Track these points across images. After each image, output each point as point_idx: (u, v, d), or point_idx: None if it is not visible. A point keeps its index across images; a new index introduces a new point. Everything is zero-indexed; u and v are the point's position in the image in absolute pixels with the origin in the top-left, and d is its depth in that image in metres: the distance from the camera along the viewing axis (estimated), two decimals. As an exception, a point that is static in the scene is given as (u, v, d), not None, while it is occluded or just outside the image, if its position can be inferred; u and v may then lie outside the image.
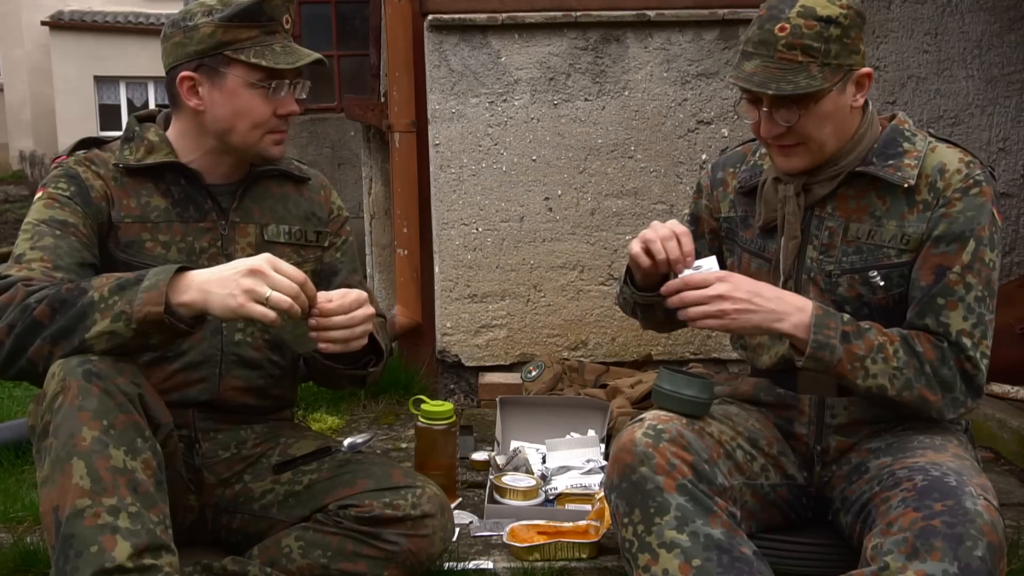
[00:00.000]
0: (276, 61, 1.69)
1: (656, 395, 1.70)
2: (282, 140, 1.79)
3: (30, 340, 1.48)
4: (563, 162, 3.26)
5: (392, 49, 3.24)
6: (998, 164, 3.31)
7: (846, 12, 1.58)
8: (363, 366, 1.79)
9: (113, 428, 1.44)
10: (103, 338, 1.47)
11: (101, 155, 1.78)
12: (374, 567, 1.67)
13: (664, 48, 3.22)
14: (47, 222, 1.65)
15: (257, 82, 1.70)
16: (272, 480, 1.79)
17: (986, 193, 1.64)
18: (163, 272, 1.48)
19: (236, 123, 1.73)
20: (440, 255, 3.29)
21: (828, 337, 1.58)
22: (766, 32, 1.59)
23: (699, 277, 1.60)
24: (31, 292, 1.50)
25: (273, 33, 1.72)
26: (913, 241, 1.65)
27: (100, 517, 1.39)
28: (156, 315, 1.45)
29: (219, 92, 1.72)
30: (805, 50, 1.57)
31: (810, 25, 1.57)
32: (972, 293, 1.62)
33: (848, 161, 1.68)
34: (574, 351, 3.32)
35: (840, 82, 1.60)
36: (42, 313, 1.48)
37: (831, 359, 1.59)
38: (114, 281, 1.49)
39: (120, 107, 16.70)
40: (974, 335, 1.62)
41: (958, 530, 1.37)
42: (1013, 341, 2.85)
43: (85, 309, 1.47)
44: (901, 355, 1.60)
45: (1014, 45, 3.27)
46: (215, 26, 1.68)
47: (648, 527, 1.52)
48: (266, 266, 1.48)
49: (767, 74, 1.59)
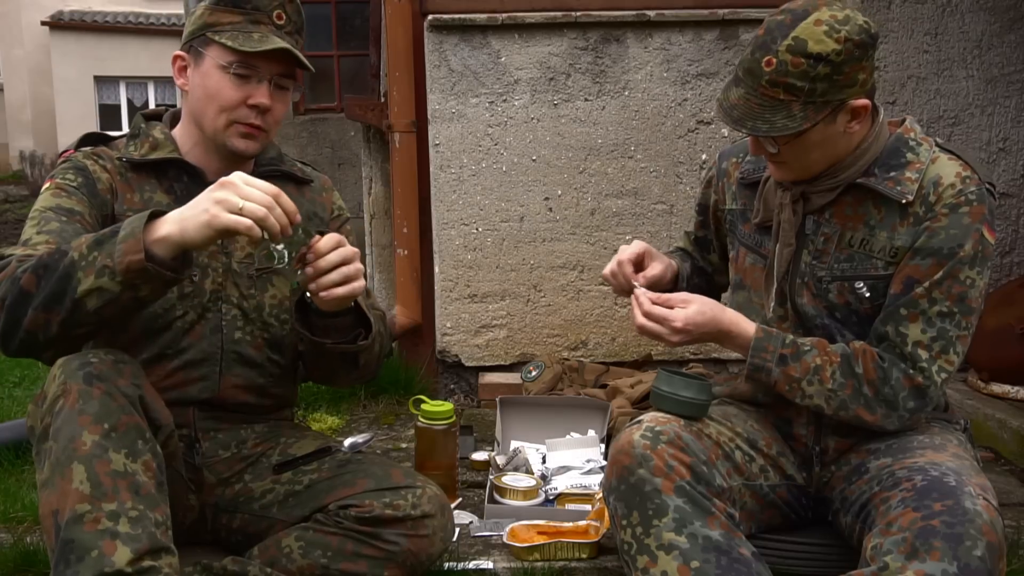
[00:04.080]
0: (242, 45, 1.69)
1: (654, 397, 1.70)
2: (251, 135, 1.75)
3: (22, 310, 1.46)
4: (563, 162, 3.26)
5: (392, 49, 3.24)
6: (998, 164, 3.31)
7: (840, 48, 1.51)
8: (352, 340, 1.76)
9: (115, 431, 1.44)
10: (93, 295, 1.44)
11: (107, 151, 1.80)
12: (374, 567, 1.67)
13: (664, 48, 3.22)
14: (53, 209, 1.66)
15: (227, 64, 1.70)
16: (272, 480, 1.79)
17: (976, 212, 1.60)
18: (137, 220, 1.45)
19: (206, 106, 1.74)
20: (440, 255, 3.29)
21: (764, 360, 1.67)
22: (755, 61, 1.56)
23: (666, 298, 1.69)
24: (20, 265, 1.49)
25: (258, 23, 1.72)
26: (900, 254, 1.64)
27: (100, 522, 1.39)
28: (138, 263, 1.41)
29: (197, 73, 1.74)
30: (788, 88, 1.53)
31: (797, 63, 1.52)
32: (936, 308, 1.61)
33: (848, 174, 1.65)
34: (574, 351, 3.32)
35: (828, 116, 1.57)
36: (28, 281, 1.45)
37: (768, 380, 1.68)
38: (92, 238, 1.46)
39: (120, 107, 16.70)
40: (932, 348, 1.61)
41: (957, 530, 1.37)
42: (1013, 341, 2.85)
43: (68, 270, 1.44)
44: (838, 377, 1.64)
45: (1014, 45, 3.27)
46: (204, 8, 1.73)
47: (647, 529, 1.52)
48: (236, 179, 1.45)
49: (746, 109, 1.57)
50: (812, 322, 1.73)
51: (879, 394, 1.63)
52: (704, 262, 2.03)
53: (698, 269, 2.02)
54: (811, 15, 1.53)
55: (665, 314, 1.65)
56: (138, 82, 16.66)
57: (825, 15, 1.53)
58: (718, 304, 1.71)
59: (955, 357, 1.63)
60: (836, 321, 1.71)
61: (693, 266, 2.00)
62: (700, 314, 1.65)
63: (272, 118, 1.76)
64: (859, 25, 1.53)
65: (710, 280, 2.04)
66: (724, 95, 1.62)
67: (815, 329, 1.73)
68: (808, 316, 1.73)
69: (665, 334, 1.66)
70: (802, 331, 1.74)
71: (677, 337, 1.66)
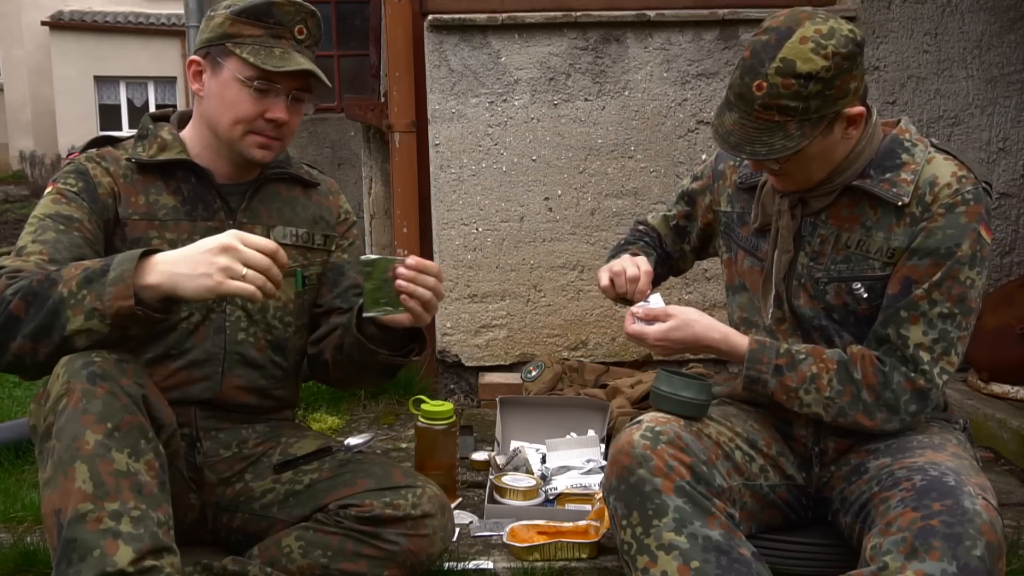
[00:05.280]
0: (265, 62, 1.68)
1: (654, 397, 1.71)
2: (268, 145, 1.76)
3: (10, 335, 1.48)
4: (563, 162, 3.26)
5: (392, 49, 3.24)
6: (998, 164, 3.31)
7: (829, 64, 1.50)
8: (405, 354, 1.76)
9: (117, 430, 1.44)
10: (82, 335, 1.47)
11: (113, 152, 1.80)
12: (374, 567, 1.68)
13: (664, 48, 3.23)
14: (52, 216, 1.67)
15: (246, 79, 1.70)
16: (273, 479, 1.79)
17: (973, 212, 1.59)
18: (127, 261, 1.46)
19: (222, 115, 1.74)
20: (440, 255, 3.29)
21: (760, 372, 1.69)
22: (745, 86, 1.55)
23: (654, 313, 1.74)
24: (10, 284, 1.50)
25: (279, 38, 1.72)
26: (897, 254, 1.64)
27: (102, 522, 1.39)
28: (128, 309, 1.43)
29: (215, 82, 1.74)
30: (781, 110, 1.53)
31: (787, 84, 1.51)
32: (936, 309, 1.61)
33: (845, 177, 1.65)
34: (574, 351, 3.32)
35: (825, 128, 1.57)
36: (17, 307, 1.47)
37: (765, 391, 1.69)
38: (81, 273, 1.47)
39: (120, 107, 16.71)
40: (934, 350, 1.62)
41: (957, 530, 1.37)
42: (1013, 341, 2.85)
43: (56, 306, 1.46)
44: (835, 384, 1.65)
45: (1014, 45, 3.27)
46: (225, 18, 1.72)
47: (647, 529, 1.52)
48: (236, 242, 1.46)
49: (743, 134, 1.57)
50: (810, 323, 1.73)
51: (880, 399, 1.63)
52: (672, 247, 2.07)
53: (661, 258, 2.06)
54: (795, 32, 1.52)
55: (642, 331, 1.73)
56: (138, 82, 16.67)
57: (809, 31, 1.51)
58: (702, 319, 1.72)
59: (956, 358, 1.63)
60: (834, 322, 1.71)
61: (658, 257, 2.04)
62: (675, 330, 1.71)
63: (288, 129, 1.76)
64: (844, 36, 1.52)
65: (672, 267, 2.11)
66: (718, 120, 1.62)
67: (813, 330, 1.73)
68: (806, 317, 1.73)
69: (647, 346, 1.75)
70: (800, 332, 1.74)
71: (657, 350, 1.74)
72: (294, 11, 1.72)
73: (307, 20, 1.74)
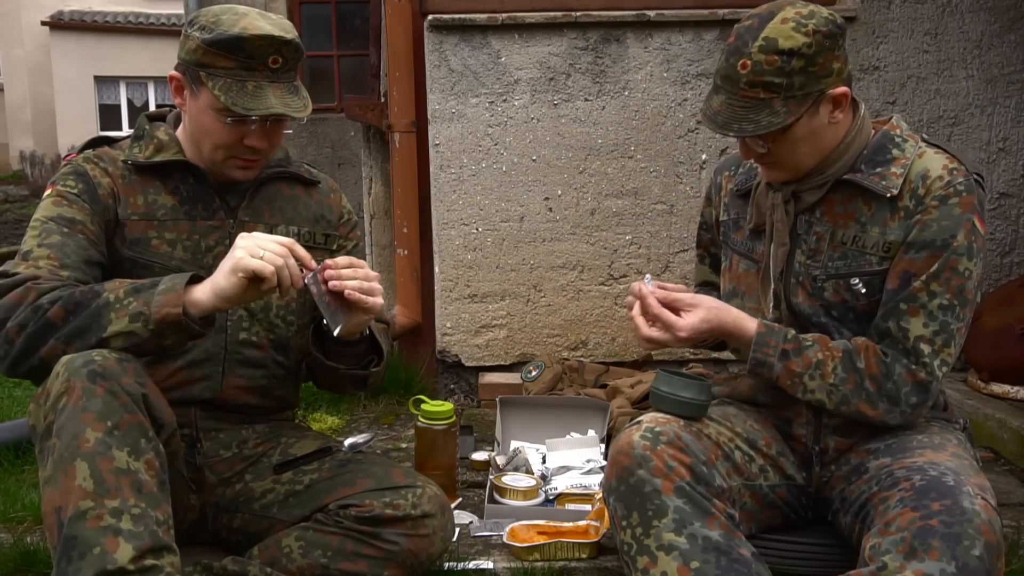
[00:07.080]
0: (235, 102, 1.64)
1: (654, 397, 1.71)
2: (249, 166, 1.76)
3: (43, 340, 1.52)
4: (563, 162, 3.27)
5: (392, 49, 3.25)
6: (998, 164, 3.31)
7: (810, 40, 1.55)
8: (364, 366, 1.81)
9: (117, 429, 1.45)
10: (120, 337, 1.52)
11: (110, 153, 1.80)
12: (374, 567, 1.68)
13: (664, 48, 3.23)
14: (55, 219, 1.67)
15: (218, 113, 1.67)
16: (273, 480, 1.79)
17: (966, 203, 1.61)
18: (179, 278, 1.55)
19: (202, 139, 1.74)
20: (440, 255, 3.29)
21: (767, 355, 1.68)
22: (730, 67, 1.60)
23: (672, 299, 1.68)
24: (43, 292, 1.53)
25: (252, 70, 1.65)
26: (894, 248, 1.65)
27: (103, 519, 1.39)
28: (175, 316, 1.50)
29: (194, 105, 1.72)
30: (767, 87, 1.57)
31: (771, 61, 1.55)
32: (936, 301, 1.62)
33: (835, 169, 1.68)
34: (574, 351, 3.32)
35: (811, 107, 1.60)
36: (56, 315, 1.51)
37: (770, 375, 1.69)
38: (129, 285, 1.55)
39: (120, 107, 16.71)
40: (935, 342, 1.62)
41: (956, 529, 1.37)
42: (1013, 341, 2.85)
43: (100, 309, 1.52)
44: (840, 372, 1.65)
45: (1014, 45, 3.27)
46: (198, 45, 1.66)
47: (646, 530, 1.53)
48: (255, 234, 1.57)
49: (730, 113, 1.60)
50: (808, 321, 1.73)
51: (882, 389, 1.64)
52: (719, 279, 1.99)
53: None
54: (776, 15, 1.59)
55: (672, 321, 1.66)
56: (138, 82, 16.66)
57: (790, 13, 1.58)
58: (723, 307, 1.71)
59: (955, 350, 1.65)
60: (833, 319, 1.72)
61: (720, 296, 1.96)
62: (705, 322, 1.67)
63: (270, 148, 1.75)
64: (824, 17, 1.58)
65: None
66: (707, 104, 1.65)
67: (812, 328, 1.73)
68: (804, 315, 1.73)
69: (669, 341, 1.68)
70: (799, 331, 1.74)
71: (682, 343, 1.70)
72: (266, 44, 1.64)
73: (281, 49, 1.66)
